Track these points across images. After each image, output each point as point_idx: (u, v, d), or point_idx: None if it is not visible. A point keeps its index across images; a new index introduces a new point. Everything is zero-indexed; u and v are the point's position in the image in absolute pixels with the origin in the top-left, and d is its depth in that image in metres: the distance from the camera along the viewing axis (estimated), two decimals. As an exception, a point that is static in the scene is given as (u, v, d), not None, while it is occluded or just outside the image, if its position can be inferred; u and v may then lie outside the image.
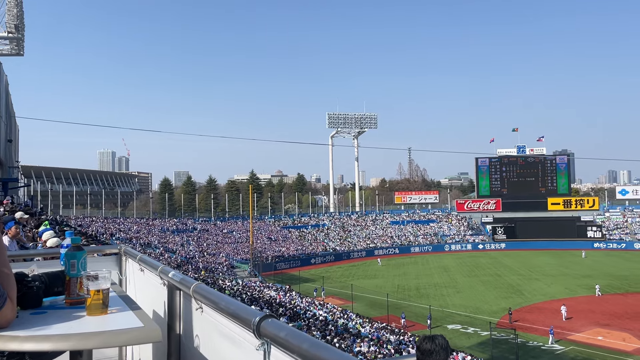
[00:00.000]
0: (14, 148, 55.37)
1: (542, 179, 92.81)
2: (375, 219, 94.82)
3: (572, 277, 54.27)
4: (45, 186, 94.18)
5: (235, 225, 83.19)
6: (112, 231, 64.24)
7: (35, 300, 2.27)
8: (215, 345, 2.36)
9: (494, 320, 35.55)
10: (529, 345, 31.62)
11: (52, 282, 2.43)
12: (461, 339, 32.93)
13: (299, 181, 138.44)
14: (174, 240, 69.15)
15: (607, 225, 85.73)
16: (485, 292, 48.12)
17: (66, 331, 1.93)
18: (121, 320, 2.13)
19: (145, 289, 3.53)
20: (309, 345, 1.47)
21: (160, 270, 3.03)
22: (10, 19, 41.61)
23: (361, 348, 25.91)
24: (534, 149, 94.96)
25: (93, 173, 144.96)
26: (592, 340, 32.30)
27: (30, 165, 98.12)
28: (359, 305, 42.50)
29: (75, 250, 2.40)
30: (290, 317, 31.02)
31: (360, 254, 78.03)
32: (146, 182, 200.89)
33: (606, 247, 78.56)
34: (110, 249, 4.47)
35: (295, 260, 69.85)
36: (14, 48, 44.67)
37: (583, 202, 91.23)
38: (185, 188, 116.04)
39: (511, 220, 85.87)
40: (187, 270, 50.00)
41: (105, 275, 2.21)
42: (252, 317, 1.79)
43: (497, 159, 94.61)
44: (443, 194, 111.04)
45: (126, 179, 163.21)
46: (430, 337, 3.17)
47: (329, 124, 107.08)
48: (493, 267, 63.17)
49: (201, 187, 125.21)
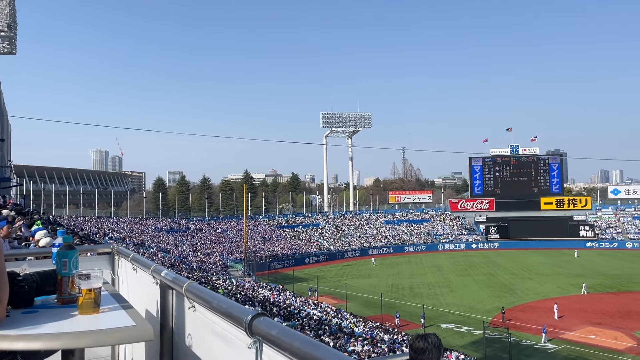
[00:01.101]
0: (7, 147, 55.01)
1: (535, 178, 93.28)
2: (369, 219, 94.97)
3: (564, 276, 54.60)
4: (38, 186, 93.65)
5: (229, 225, 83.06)
6: (105, 231, 63.95)
7: (27, 299, 2.26)
8: (208, 344, 2.37)
9: (487, 319, 35.67)
10: (522, 344, 31.78)
11: (43, 281, 2.43)
12: (455, 338, 33.04)
13: (293, 181, 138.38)
14: (168, 240, 68.94)
15: (600, 224, 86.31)
16: (478, 291, 48.31)
17: (57, 330, 1.93)
18: (113, 319, 2.12)
19: (137, 288, 3.52)
20: (300, 343, 1.47)
21: (152, 270, 3.03)
22: (2, 18, 41.37)
23: (355, 347, 25.95)
24: (527, 149, 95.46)
25: (86, 172, 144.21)
26: (584, 339, 32.50)
27: (22, 165, 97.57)
28: (353, 304, 42.56)
29: (66, 249, 2.39)
30: (285, 317, 31.02)
31: (354, 253, 78.12)
32: (140, 182, 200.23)
33: (598, 247, 79.09)
34: (103, 248, 4.46)
35: (289, 260, 69.83)
36: (6, 47, 44.43)
37: (575, 202, 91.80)
38: (179, 187, 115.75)
39: (504, 219, 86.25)
40: (181, 269, 49.86)
41: (97, 274, 2.20)
42: (244, 316, 1.79)
43: (491, 158, 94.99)
44: (437, 194, 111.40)
45: (119, 179, 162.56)
46: (423, 336, 3.18)
47: (323, 124, 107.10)
48: (486, 267, 63.43)
49: (195, 186, 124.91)
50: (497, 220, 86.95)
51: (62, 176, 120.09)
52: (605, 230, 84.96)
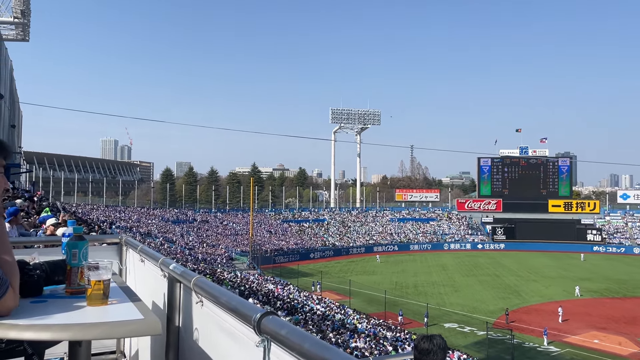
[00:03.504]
0: (17, 134, 55.37)
1: (544, 180, 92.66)
2: (376, 216, 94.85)
3: (570, 279, 54.27)
4: (47, 173, 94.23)
5: (236, 218, 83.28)
6: (113, 219, 64.27)
7: (36, 288, 2.27)
8: (215, 340, 2.36)
9: (490, 320, 35.60)
10: (525, 346, 31.69)
11: (53, 270, 2.43)
12: (457, 338, 33.00)
13: (300, 175, 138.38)
14: (174, 231, 69.22)
15: (607, 229, 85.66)
16: (483, 291, 48.17)
17: (66, 321, 1.93)
18: (121, 311, 2.12)
19: (145, 280, 3.53)
20: (310, 345, 1.46)
21: (161, 262, 3.03)
22: (16, 4, 41.51)
23: (357, 344, 25.97)
24: (536, 151, 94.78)
25: (95, 161, 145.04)
26: (588, 343, 32.35)
27: (32, 152, 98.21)
28: (357, 301, 42.59)
29: (77, 239, 2.39)
30: (288, 311, 31.09)
31: (359, 250, 78.11)
32: (148, 172, 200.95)
33: (605, 251, 78.53)
34: (112, 238, 4.47)
35: (294, 254, 69.94)
36: (19, 33, 44.58)
37: (584, 205, 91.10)
38: (187, 179, 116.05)
39: (511, 221, 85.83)
40: (187, 261, 50.08)
41: (107, 266, 2.20)
42: (253, 314, 1.78)
43: (499, 159, 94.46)
44: (444, 193, 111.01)
45: (128, 168, 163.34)
46: (429, 337, 3.17)
47: (332, 119, 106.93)
48: (492, 267, 63.21)
49: (202, 178, 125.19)
50: (504, 221, 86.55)
51: (71, 164, 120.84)
52: (613, 235, 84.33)
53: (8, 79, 41.96)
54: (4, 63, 37.80)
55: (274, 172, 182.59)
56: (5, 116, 40.56)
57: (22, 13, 42.23)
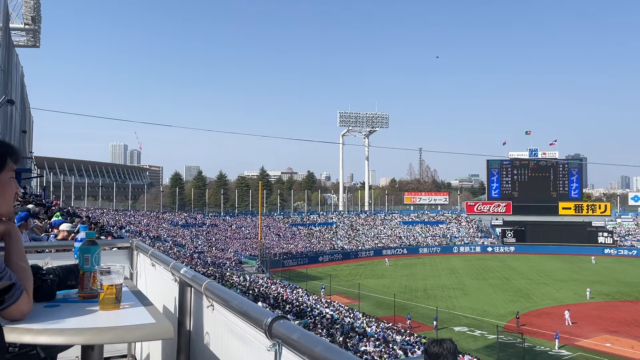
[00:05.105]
0: (28, 139, 55.87)
1: (554, 183, 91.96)
2: (384, 219, 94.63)
3: (581, 282, 53.77)
4: (58, 177, 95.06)
5: (244, 221, 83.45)
6: (122, 223, 64.66)
7: (49, 293, 2.30)
8: (226, 344, 2.37)
9: (501, 323, 35.37)
10: (536, 350, 31.43)
11: (65, 275, 2.46)
12: (468, 342, 32.80)
13: (308, 179, 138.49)
14: (183, 234, 69.51)
15: (619, 231, 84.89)
16: (493, 295, 47.86)
17: (80, 325, 1.95)
18: (134, 315, 2.14)
19: (156, 284, 3.55)
20: (322, 349, 1.46)
21: (172, 267, 3.05)
22: (27, 11, 41.93)
23: (367, 347, 25.90)
24: (546, 153, 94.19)
25: (105, 165, 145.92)
26: (599, 347, 32.02)
27: (43, 156, 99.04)
28: (366, 304, 42.48)
29: (89, 244, 2.41)
30: (297, 315, 31.08)
31: (368, 253, 77.95)
32: (157, 176, 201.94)
33: (617, 254, 77.78)
34: (123, 242, 4.50)
35: (302, 258, 69.92)
36: (30, 40, 45.02)
37: (595, 208, 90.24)
38: (196, 183, 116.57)
39: (521, 223, 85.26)
40: (196, 264, 50.23)
41: (119, 271, 2.22)
42: (264, 318, 1.79)
43: (509, 161, 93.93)
44: (453, 196, 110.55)
45: (137, 172, 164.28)
46: (439, 341, 3.15)
47: (340, 123, 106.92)
48: (502, 270, 62.81)
49: (211, 182, 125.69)
50: (513, 224, 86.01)
51: (81, 168, 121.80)
52: (625, 237, 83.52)
53: (19, 85, 42.38)
54: (15, 69, 38.18)
55: (282, 175, 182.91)
56: (17, 122, 40.95)
57: (32, 19, 42.65)
